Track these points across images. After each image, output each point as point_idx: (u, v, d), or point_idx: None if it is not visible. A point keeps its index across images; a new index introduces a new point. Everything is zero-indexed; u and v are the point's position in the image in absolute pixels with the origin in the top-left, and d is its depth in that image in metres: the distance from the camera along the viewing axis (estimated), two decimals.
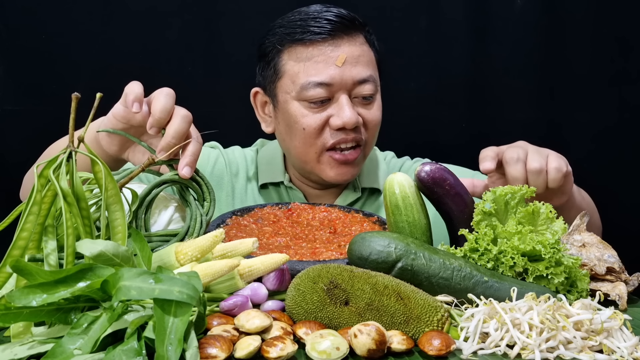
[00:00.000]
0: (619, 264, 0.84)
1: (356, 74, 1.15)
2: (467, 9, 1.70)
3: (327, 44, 1.15)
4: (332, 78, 1.13)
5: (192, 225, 0.84)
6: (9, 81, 1.64)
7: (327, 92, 1.14)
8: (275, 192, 1.28)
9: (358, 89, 1.16)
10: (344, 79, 1.14)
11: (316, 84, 1.13)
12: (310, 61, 1.15)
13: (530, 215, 0.84)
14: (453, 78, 1.71)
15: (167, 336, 0.53)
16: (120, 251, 0.63)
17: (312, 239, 0.93)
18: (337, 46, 1.15)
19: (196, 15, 1.68)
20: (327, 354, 0.58)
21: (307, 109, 1.15)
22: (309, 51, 1.15)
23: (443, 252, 0.78)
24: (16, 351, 0.56)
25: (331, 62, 1.14)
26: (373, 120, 1.19)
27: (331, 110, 1.15)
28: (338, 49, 1.15)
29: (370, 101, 1.19)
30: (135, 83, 0.88)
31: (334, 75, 1.13)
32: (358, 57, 1.16)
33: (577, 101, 1.72)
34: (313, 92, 1.14)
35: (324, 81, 1.13)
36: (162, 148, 0.83)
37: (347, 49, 1.15)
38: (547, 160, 0.96)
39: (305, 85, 1.14)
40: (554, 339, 0.62)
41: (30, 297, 0.54)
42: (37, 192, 0.66)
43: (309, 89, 1.14)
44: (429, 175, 0.88)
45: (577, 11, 1.69)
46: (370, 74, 1.17)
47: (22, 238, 0.65)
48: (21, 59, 1.63)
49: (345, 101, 1.14)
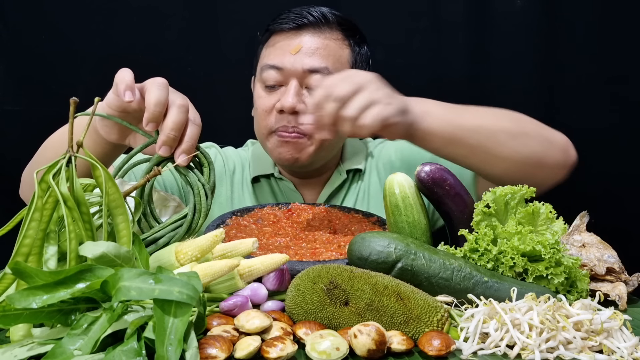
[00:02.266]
0: (618, 264, 0.84)
1: (307, 63, 1.19)
2: (467, 9, 1.70)
3: (292, 33, 1.21)
4: (284, 63, 1.19)
5: (197, 200, 0.83)
6: (9, 81, 1.64)
7: (280, 76, 1.20)
8: (267, 185, 1.31)
9: (309, 79, 1.19)
10: (295, 66, 1.19)
11: (269, 67, 1.20)
12: (274, 47, 1.22)
13: (530, 215, 0.84)
14: (453, 78, 1.71)
15: (167, 336, 0.53)
16: (122, 252, 0.63)
17: (312, 239, 0.93)
18: (299, 37, 1.21)
19: (196, 16, 1.68)
20: (327, 354, 0.58)
21: (263, 91, 1.23)
22: (276, 39, 1.23)
23: (443, 252, 0.78)
24: (16, 352, 0.56)
25: (288, 50, 1.20)
26: None
27: (280, 95, 1.21)
28: (298, 39, 1.21)
29: None
30: (125, 70, 0.86)
31: (286, 62, 1.19)
32: (316, 49, 1.20)
33: (577, 101, 1.72)
34: (266, 75, 1.21)
35: (276, 65, 1.19)
36: (162, 143, 0.81)
37: (308, 40, 1.21)
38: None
39: (263, 67, 1.22)
40: (554, 339, 0.62)
41: (30, 299, 0.54)
42: (39, 198, 0.66)
43: (264, 70, 1.21)
44: (428, 176, 0.88)
45: (577, 11, 1.69)
46: (325, 66, 1.20)
47: (24, 245, 0.64)
48: (21, 59, 1.63)
49: (292, 87, 1.19)
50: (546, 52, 1.71)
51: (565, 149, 1.04)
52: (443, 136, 0.94)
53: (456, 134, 0.95)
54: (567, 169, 1.06)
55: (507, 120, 1.00)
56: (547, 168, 1.02)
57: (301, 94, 1.19)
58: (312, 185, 1.31)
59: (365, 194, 1.30)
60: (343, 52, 1.24)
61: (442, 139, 0.95)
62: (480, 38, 1.71)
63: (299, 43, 1.20)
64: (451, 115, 0.96)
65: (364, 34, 1.29)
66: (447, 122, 0.94)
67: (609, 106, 1.72)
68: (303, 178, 1.30)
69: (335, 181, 1.30)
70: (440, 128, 0.94)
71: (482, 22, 1.71)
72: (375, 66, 1.72)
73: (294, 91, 1.18)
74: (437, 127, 0.94)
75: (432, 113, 0.94)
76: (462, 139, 0.95)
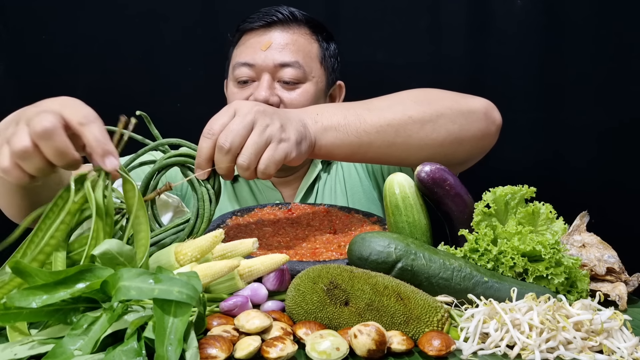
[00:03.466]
0: (619, 265, 0.83)
1: (278, 57, 1.23)
2: (468, 9, 1.70)
3: (261, 31, 1.26)
4: (255, 60, 1.23)
5: (201, 205, 0.83)
6: (9, 81, 1.64)
7: (252, 72, 1.24)
8: (245, 184, 1.33)
9: (280, 73, 1.24)
10: (266, 61, 1.23)
11: (241, 64, 1.25)
12: (244, 46, 1.27)
13: (530, 215, 0.84)
14: (453, 78, 1.71)
15: (167, 336, 0.53)
16: (125, 250, 0.63)
17: (312, 239, 0.93)
18: (268, 33, 1.25)
19: (196, 16, 1.68)
20: (327, 354, 0.58)
21: (236, 88, 1.27)
22: (247, 38, 1.28)
23: (443, 252, 0.78)
24: (16, 351, 0.56)
25: (259, 47, 1.25)
26: (292, 103, 1.24)
27: (253, 89, 1.24)
28: (267, 36, 1.25)
29: (292, 86, 1.25)
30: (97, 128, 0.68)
31: (257, 58, 1.23)
32: (286, 45, 1.25)
33: (577, 101, 1.72)
34: (239, 72, 1.25)
35: (248, 62, 1.24)
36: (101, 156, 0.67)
37: (277, 36, 1.25)
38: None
39: (235, 65, 1.26)
40: (554, 339, 0.62)
41: (30, 298, 0.54)
42: (73, 203, 0.66)
43: (237, 68, 1.26)
44: (428, 176, 0.88)
45: (577, 11, 1.69)
46: (296, 60, 1.24)
47: (50, 245, 0.64)
48: (21, 59, 1.63)
49: (265, 81, 1.23)
50: (546, 52, 1.71)
51: (487, 116, 1.02)
52: (348, 147, 0.92)
53: (361, 140, 0.92)
54: (492, 135, 1.05)
55: (417, 107, 0.96)
56: (468, 142, 1.01)
57: (274, 87, 1.23)
58: (290, 182, 1.33)
59: (340, 179, 1.33)
60: (312, 47, 1.28)
61: (348, 148, 0.92)
62: (480, 38, 1.71)
63: (268, 39, 1.24)
64: (353, 123, 0.92)
65: (330, 32, 1.34)
66: (348, 133, 0.92)
67: (610, 106, 1.72)
68: (281, 177, 1.32)
69: (311, 174, 1.32)
70: (342, 140, 0.91)
71: (482, 22, 1.71)
72: (376, 66, 1.73)
73: (267, 84, 1.22)
74: (339, 141, 0.91)
75: (331, 127, 0.90)
76: (369, 143, 0.93)
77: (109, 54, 1.65)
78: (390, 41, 1.71)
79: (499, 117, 1.05)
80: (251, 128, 0.81)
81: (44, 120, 0.64)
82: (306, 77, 1.26)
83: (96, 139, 0.66)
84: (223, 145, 0.80)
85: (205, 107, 1.56)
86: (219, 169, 0.82)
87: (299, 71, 1.24)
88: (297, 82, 1.25)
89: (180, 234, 0.82)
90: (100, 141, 0.66)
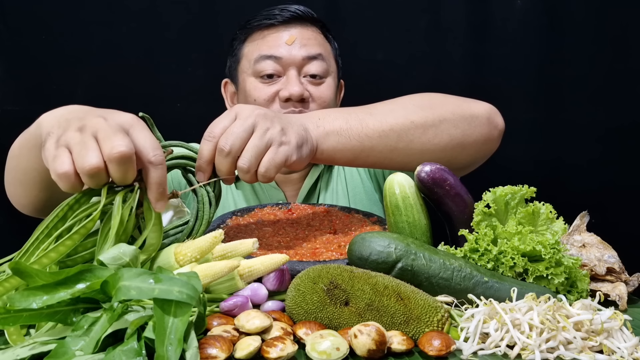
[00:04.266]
0: (619, 265, 0.83)
1: (305, 51, 1.23)
2: (468, 9, 1.70)
3: (281, 27, 1.25)
4: (282, 53, 1.22)
5: (200, 207, 0.83)
6: (9, 81, 1.64)
7: (277, 65, 1.22)
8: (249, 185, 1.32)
9: (307, 67, 1.23)
10: (293, 54, 1.22)
11: (266, 57, 1.22)
12: (265, 39, 1.25)
13: (531, 215, 0.84)
14: (453, 78, 1.71)
15: (167, 336, 0.53)
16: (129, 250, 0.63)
17: (312, 239, 0.93)
18: (288, 29, 1.25)
19: (196, 16, 1.68)
20: (327, 354, 0.58)
21: (260, 83, 1.24)
22: (263, 34, 1.26)
23: (443, 252, 0.78)
24: (18, 352, 0.56)
25: (282, 40, 1.23)
26: (321, 97, 1.24)
27: (281, 84, 1.23)
28: (289, 32, 1.24)
29: (319, 80, 1.25)
30: None
31: (284, 51, 1.22)
32: (309, 39, 1.25)
33: (577, 101, 1.72)
34: (264, 65, 1.22)
35: (274, 54, 1.22)
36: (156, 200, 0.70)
37: (299, 31, 1.25)
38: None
39: (257, 58, 1.23)
40: (554, 339, 0.62)
41: (31, 299, 0.54)
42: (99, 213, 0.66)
43: (260, 61, 1.23)
44: (429, 176, 0.88)
45: (577, 11, 1.69)
46: (320, 53, 1.25)
47: (65, 245, 0.65)
48: (21, 59, 1.63)
49: (294, 75, 1.22)
50: (546, 52, 1.71)
51: (490, 121, 1.02)
52: (350, 151, 0.92)
53: (363, 145, 0.92)
54: (495, 140, 1.05)
55: (419, 112, 0.96)
56: (470, 147, 1.00)
57: (302, 82, 1.23)
58: (293, 181, 1.33)
59: (342, 180, 1.33)
60: (327, 44, 1.30)
61: (350, 153, 0.92)
62: (480, 38, 1.71)
63: (291, 35, 1.23)
64: (355, 127, 0.92)
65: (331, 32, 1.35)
66: (350, 137, 0.91)
67: (610, 106, 1.72)
68: (286, 174, 1.32)
69: (314, 173, 1.32)
70: (344, 145, 0.91)
71: (482, 22, 1.71)
72: (376, 66, 1.73)
73: (297, 79, 1.22)
74: (341, 145, 0.91)
75: (333, 131, 0.90)
76: (370, 148, 0.92)
77: (109, 54, 1.65)
78: (390, 41, 1.71)
79: (502, 122, 1.05)
80: (252, 131, 0.81)
81: (122, 145, 0.64)
82: (328, 72, 1.27)
83: (159, 183, 0.68)
84: (223, 147, 0.80)
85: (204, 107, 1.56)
86: (220, 172, 0.82)
87: (324, 64, 1.25)
88: (322, 76, 1.26)
89: (178, 236, 0.82)
90: (161, 185, 0.69)
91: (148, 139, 0.68)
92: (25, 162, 0.91)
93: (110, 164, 0.65)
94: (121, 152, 0.64)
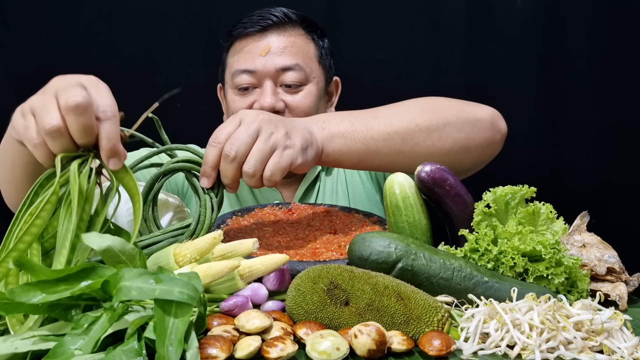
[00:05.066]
0: (619, 265, 0.83)
1: (279, 62, 1.23)
2: (468, 9, 1.70)
3: (257, 36, 1.25)
4: (256, 66, 1.23)
5: (202, 212, 0.83)
6: (9, 81, 1.64)
7: (252, 78, 1.24)
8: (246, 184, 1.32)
9: (282, 77, 1.24)
10: (267, 67, 1.23)
11: (242, 71, 1.24)
12: (242, 52, 1.26)
13: (531, 215, 0.84)
14: (453, 78, 1.71)
15: (167, 337, 0.53)
16: (127, 248, 0.63)
17: (312, 239, 0.93)
18: (265, 38, 1.25)
19: (196, 16, 1.69)
20: (327, 354, 0.58)
21: (237, 95, 1.26)
22: (242, 44, 1.26)
23: (443, 252, 0.78)
24: (17, 344, 0.56)
25: (258, 52, 1.24)
26: (298, 107, 1.24)
27: (256, 95, 1.24)
28: (264, 41, 1.24)
29: (295, 89, 1.25)
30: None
31: (258, 64, 1.23)
32: (284, 48, 1.24)
33: (577, 101, 1.72)
34: (239, 79, 1.24)
35: (248, 68, 1.23)
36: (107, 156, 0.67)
37: (274, 40, 1.24)
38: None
39: (235, 73, 1.25)
40: (554, 339, 0.62)
41: (31, 294, 0.54)
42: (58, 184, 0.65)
43: (236, 76, 1.25)
44: (429, 176, 0.88)
45: (577, 10, 1.69)
46: (296, 63, 1.24)
47: (35, 225, 0.63)
48: (21, 59, 1.63)
49: (268, 87, 1.22)
50: (546, 52, 1.71)
51: (493, 125, 1.03)
52: (355, 154, 0.92)
53: (369, 148, 0.92)
54: (497, 144, 1.06)
55: (424, 116, 0.97)
56: (473, 151, 1.01)
57: (277, 92, 1.23)
58: (290, 183, 1.33)
59: (342, 182, 1.33)
60: (309, 47, 1.28)
61: (355, 156, 0.93)
62: (480, 38, 1.71)
63: (267, 44, 1.23)
64: (360, 130, 0.93)
65: (322, 29, 1.33)
66: (355, 140, 0.92)
67: (610, 106, 1.72)
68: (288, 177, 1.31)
69: (311, 175, 1.32)
70: (349, 147, 0.91)
71: (482, 22, 1.71)
72: (376, 66, 1.73)
73: (270, 91, 1.22)
74: (346, 148, 0.91)
75: (338, 134, 0.91)
76: (376, 151, 0.93)
77: (109, 54, 1.65)
78: (390, 41, 1.71)
79: (505, 126, 1.06)
80: (256, 136, 0.82)
81: (77, 95, 0.64)
82: (308, 79, 1.26)
83: (108, 137, 0.66)
84: (229, 153, 0.80)
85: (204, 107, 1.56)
86: (225, 178, 0.82)
87: (301, 73, 1.24)
88: (300, 85, 1.25)
89: (179, 238, 0.82)
90: (111, 140, 0.66)
91: (105, 96, 0.67)
92: (9, 160, 0.90)
93: (67, 117, 0.64)
94: (77, 102, 0.63)
